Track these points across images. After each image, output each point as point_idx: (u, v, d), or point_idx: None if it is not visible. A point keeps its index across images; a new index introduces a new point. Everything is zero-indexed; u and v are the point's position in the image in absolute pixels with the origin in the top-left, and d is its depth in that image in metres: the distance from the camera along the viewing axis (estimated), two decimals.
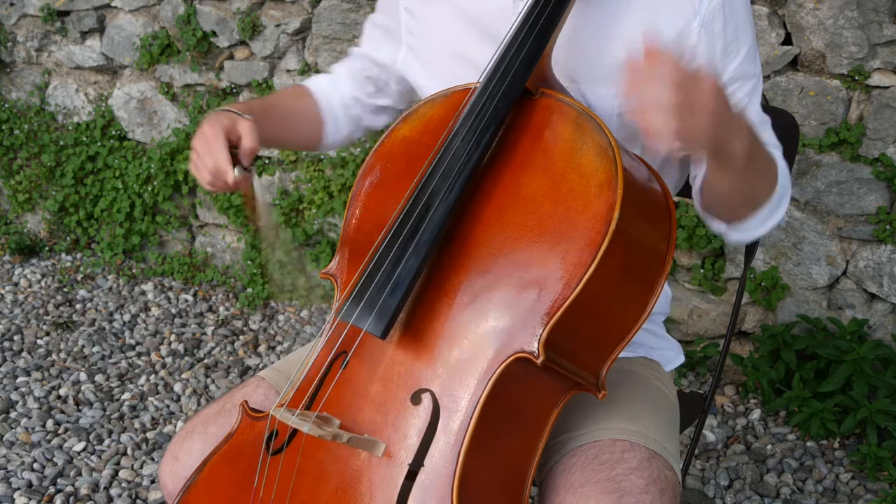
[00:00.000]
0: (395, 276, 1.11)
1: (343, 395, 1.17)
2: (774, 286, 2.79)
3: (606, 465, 1.20)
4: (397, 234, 1.14)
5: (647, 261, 1.15)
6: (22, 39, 3.88)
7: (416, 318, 1.15)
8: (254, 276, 3.53)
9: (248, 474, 1.21)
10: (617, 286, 1.12)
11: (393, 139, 1.29)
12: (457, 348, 1.11)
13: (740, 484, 2.51)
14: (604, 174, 1.08)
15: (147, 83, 3.68)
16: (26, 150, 3.94)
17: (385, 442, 1.12)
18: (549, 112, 1.17)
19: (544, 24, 1.19)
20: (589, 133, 1.12)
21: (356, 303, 1.12)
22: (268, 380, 1.42)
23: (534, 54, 1.18)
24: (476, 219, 1.14)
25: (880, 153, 2.56)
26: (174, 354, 3.21)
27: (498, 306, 1.10)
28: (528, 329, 1.08)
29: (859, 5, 2.45)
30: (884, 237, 2.61)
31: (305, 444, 1.16)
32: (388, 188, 1.26)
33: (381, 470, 1.11)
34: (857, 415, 2.51)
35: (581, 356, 1.15)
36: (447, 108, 1.25)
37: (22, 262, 3.94)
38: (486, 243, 1.13)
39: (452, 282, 1.13)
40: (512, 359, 1.08)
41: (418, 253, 1.11)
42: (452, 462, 1.08)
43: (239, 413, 1.27)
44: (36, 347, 3.24)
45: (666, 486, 1.20)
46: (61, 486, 2.51)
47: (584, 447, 1.25)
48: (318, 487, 1.15)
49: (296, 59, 3.30)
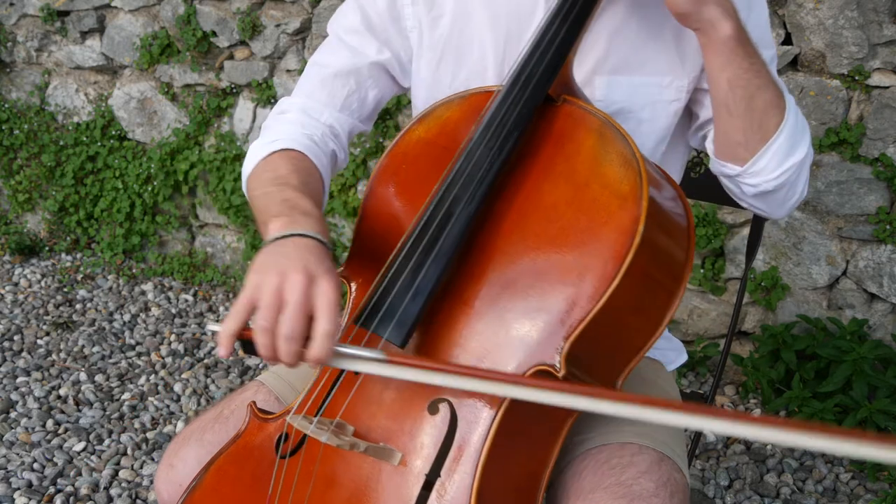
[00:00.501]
0: (415, 284, 1.08)
1: (357, 402, 1.15)
2: (774, 286, 2.79)
3: (616, 470, 1.19)
4: (418, 241, 1.11)
5: (667, 273, 1.14)
6: (22, 39, 3.88)
7: (434, 325, 1.12)
8: None
9: (255, 477, 1.19)
10: (638, 299, 1.10)
11: (408, 140, 1.27)
12: (476, 358, 1.09)
13: (740, 484, 2.51)
14: (628, 185, 1.07)
15: (147, 83, 3.68)
16: (26, 150, 3.94)
17: (401, 451, 1.10)
18: (571, 119, 1.16)
19: (569, 30, 1.18)
20: (612, 142, 1.11)
21: (375, 310, 1.09)
22: (267, 385, 1.41)
23: (558, 60, 1.17)
24: (496, 227, 1.12)
25: (880, 153, 2.56)
26: (174, 354, 3.20)
27: (518, 317, 1.08)
28: (550, 341, 1.06)
29: (859, 5, 2.45)
30: (884, 237, 2.61)
31: (316, 450, 1.14)
32: (404, 191, 1.23)
33: (397, 479, 1.09)
34: (857, 415, 2.51)
35: (600, 369, 1.14)
36: (464, 111, 1.23)
37: (22, 262, 3.94)
38: (507, 251, 1.11)
39: (472, 290, 1.11)
40: (532, 371, 1.06)
41: (439, 261, 1.09)
42: (470, 473, 1.06)
43: (247, 414, 1.25)
44: (36, 347, 3.24)
45: (675, 489, 1.19)
46: (61, 486, 2.51)
47: (593, 451, 1.24)
48: (331, 494, 1.13)
49: (296, 59, 3.30)
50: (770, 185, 1.27)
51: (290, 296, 0.98)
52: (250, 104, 3.46)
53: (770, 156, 1.24)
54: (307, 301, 0.98)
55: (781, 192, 1.29)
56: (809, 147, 1.28)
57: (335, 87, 1.38)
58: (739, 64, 1.19)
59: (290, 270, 0.99)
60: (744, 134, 1.24)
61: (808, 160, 1.29)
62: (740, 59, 1.18)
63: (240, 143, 3.51)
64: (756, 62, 1.20)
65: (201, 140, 3.61)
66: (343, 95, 1.39)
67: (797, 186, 1.30)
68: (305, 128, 1.35)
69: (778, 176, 1.25)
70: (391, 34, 1.39)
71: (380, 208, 1.25)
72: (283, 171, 1.24)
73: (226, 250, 3.74)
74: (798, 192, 1.31)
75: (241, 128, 3.51)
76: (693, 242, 1.16)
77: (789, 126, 1.23)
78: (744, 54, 1.18)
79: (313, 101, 1.38)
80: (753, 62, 1.20)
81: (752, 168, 1.26)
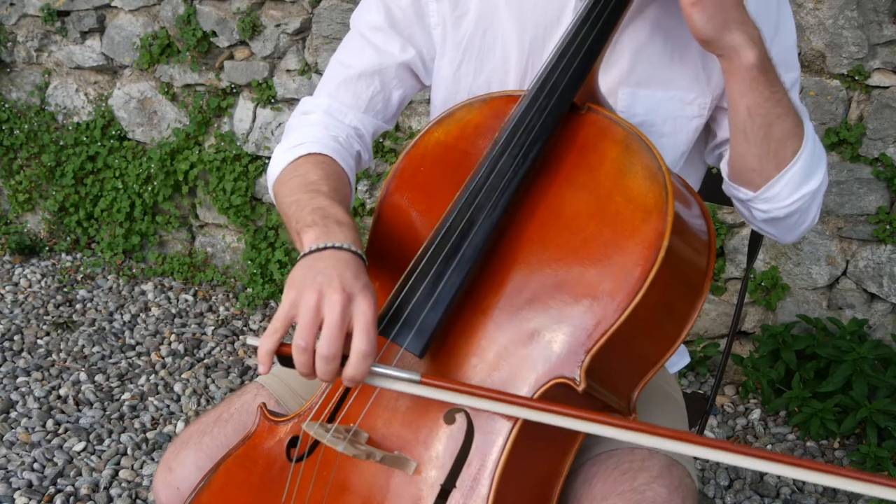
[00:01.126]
0: (436, 293, 1.06)
1: (372, 409, 1.13)
2: (774, 286, 2.79)
3: (628, 475, 1.18)
4: (439, 249, 1.09)
5: (688, 287, 1.13)
6: (22, 39, 3.87)
7: (452, 334, 1.10)
8: (254, 275, 3.53)
9: (265, 480, 1.18)
10: (660, 313, 1.09)
11: (427, 142, 1.25)
12: (494, 369, 1.08)
13: (740, 484, 2.51)
14: (653, 199, 1.06)
15: (147, 83, 3.68)
16: (26, 150, 3.94)
17: (416, 460, 1.08)
18: (595, 129, 1.14)
19: (597, 37, 1.17)
20: (637, 154, 1.10)
21: (395, 319, 1.07)
22: (267, 387, 1.39)
23: (585, 67, 1.16)
24: (518, 236, 1.11)
25: (880, 153, 2.56)
26: (174, 354, 3.20)
27: (539, 329, 1.07)
28: (570, 355, 1.04)
29: (859, 5, 2.45)
30: (884, 237, 2.61)
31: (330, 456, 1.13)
32: (422, 194, 1.21)
33: (412, 488, 1.08)
34: (857, 415, 2.51)
35: (618, 381, 1.13)
36: (486, 115, 1.22)
37: (22, 262, 3.94)
38: (528, 262, 1.09)
39: (491, 299, 1.09)
40: (552, 384, 1.05)
41: (461, 270, 1.07)
42: (487, 484, 1.05)
43: (257, 415, 1.23)
44: (36, 347, 3.24)
45: (687, 494, 1.18)
46: (61, 486, 2.51)
47: (602, 455, 1.23)
48: (344, 501, 1.11)
49: (296, 59, 3.29)
50: (781, 212, 1.26)
51: (329, 314, 0.98)
52: (250, 104, 3.46)
53: (784, 184, 1.23)
54: (345, 320, 0.98)
55: (792, 218, 1.28)
56: (825, 176, 1.27)
57: (359, 88, 1.36)
58: (761, 92, 1.17)
59: (328, 288, 0.99)
60: (759, 161, 1.22)
61: (823, 188, 1.27)
62: (762, 87, 1.17)
63: (240, 143, 3.51)
64: (778, 90, 1.19)
65: (201, 140, 3.61)
66: (367, 97, 1.37)
67: (809, 214, 1.29)
68: (330, 129, 1.33)
69: (790, 204, 1.24)
70: (415, 31, 1.36)
71: (396, 212, 1.22)
72: (314, 176, 1.23)
73: (226, 250, 3.74)
74: (809, 219, 1.30)
75: (241, 128, 3.51)
76: (713, 256, 1.15)
77: (805, 155, 1.22)
78: (766, 83, 1.17)
79: (337, 103, 1.36)
80: (775, 91, 1.18)
81: (765, 194, 1.24)
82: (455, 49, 1.35)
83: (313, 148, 1.29)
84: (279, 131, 3.42)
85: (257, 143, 3.48)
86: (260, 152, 3.50)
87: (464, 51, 1.35)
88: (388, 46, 1.36)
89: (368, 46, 1.37)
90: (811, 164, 1.23)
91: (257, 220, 3.57)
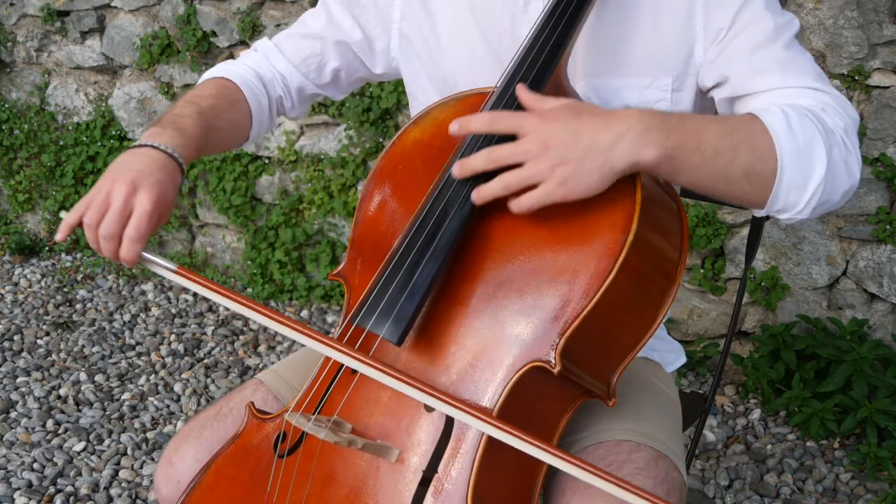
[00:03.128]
0: (412, 282, 1.10)
1: (354, 400, 1.17)
2: (774, 286, 2.79)
3: (613, 467, 1.20)
4: (414, 240, 1.12)
5: (660, 271, 1.15)
6: (22, 39, 3.88)
7: (430, 323, 1.14)
8: (254, 275, 3.53)
9: (254, 476, 1.20)
10: (632, 296, 1.12)
11: (404, 142, 1.28)
12: (471, 355, 1.11)
13: (740, 484, 2.51)
14: (621, 182, 1.07)
15: (147, 83, 3.68)
16: (26, 150, 3.94)
17: (398, 448, 1.12)
18: None
19: (562, 31, 1.18)
20: None
21: (372, 308, 1.11)
22: (266, 383, 1.41)
23: (551, 61, 1.18)
24: (491, 226, 1.14)
25: (880, 153, 2.56)
26: (174, 354, 3.21)
27: (513, 314, 1.10)
28: (544, 338, 1.07)
29: (859, 5, 2.45)
30: (884, 237, 2.61)
31: (314, 447, 1.16)
32: (400, 191, 1.25)
33: (395, 476, 1.11)
34: (856, 415, 2.51)
35: (594, 365, 1.15)
36: (459, 113, 1.22)
37: (22, 262, 3.94)
38: (501, 250, 1.12)
39: (467, 289, 1.12)
40: (528, 367, 1.08)
41: (435, 259, 1.10)
42: (467, 469, 1.08)
43: (245, 414, 1.26)
44: (36, 347, 3.24)
45: (672, 487, 1.20)
46: (61, 486, 2.51)
47: (589, 448, 1.25)
48: (329, 492, 1.14)
49: None
50: (804, 214, 1.14)
51: (114, 202, 1.12)
52: None
53: (784, 195, 1.11)
54: (126, 208, 1.12)
55: (821, 208, 1.15)
56: (827, 156, 1.10)
57: (302, 45, 1.48)
58: (688, 167, 1.07)
59: (120, 179, 1.13)
60: (742, 197, 1.13)
61: (834, 167, 1.11)
62: (684, 163, 1.06)
63: None
64: (704, 141, 1.06)
65: None
66: (304, 56, 1.48)
67: (837, 189, 1.13)
68: (260, 67, 1.47)
69: (806, 203, 1.12)
70: (370, 18, 1.44)
71: (376, 209, 1.27)
72: (205, 93, 1.37)
73: (226, 250, 3.74)
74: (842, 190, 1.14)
75: None
76: (686, 241, 1.18)
77: (788, 158, 1.09)
78: (686, 154, 1.05)
79: (277, 51, 1.49)
80: (701, 148, 1.06)
81: (773, 210, 1.14)
82: (423, 43, 1.40)
83: (227, 75, 1.43)
84: (279, 131, 3.43)
85: (257, 144, 3.48)
86: (260, 152, 3.50)
87: (431, 45, 1.39)
88: (340, 21, 1.45)
89: (325, 14, 1.47)
90: (801, 160, 1.10)
91: (257, 220, 3.57)
